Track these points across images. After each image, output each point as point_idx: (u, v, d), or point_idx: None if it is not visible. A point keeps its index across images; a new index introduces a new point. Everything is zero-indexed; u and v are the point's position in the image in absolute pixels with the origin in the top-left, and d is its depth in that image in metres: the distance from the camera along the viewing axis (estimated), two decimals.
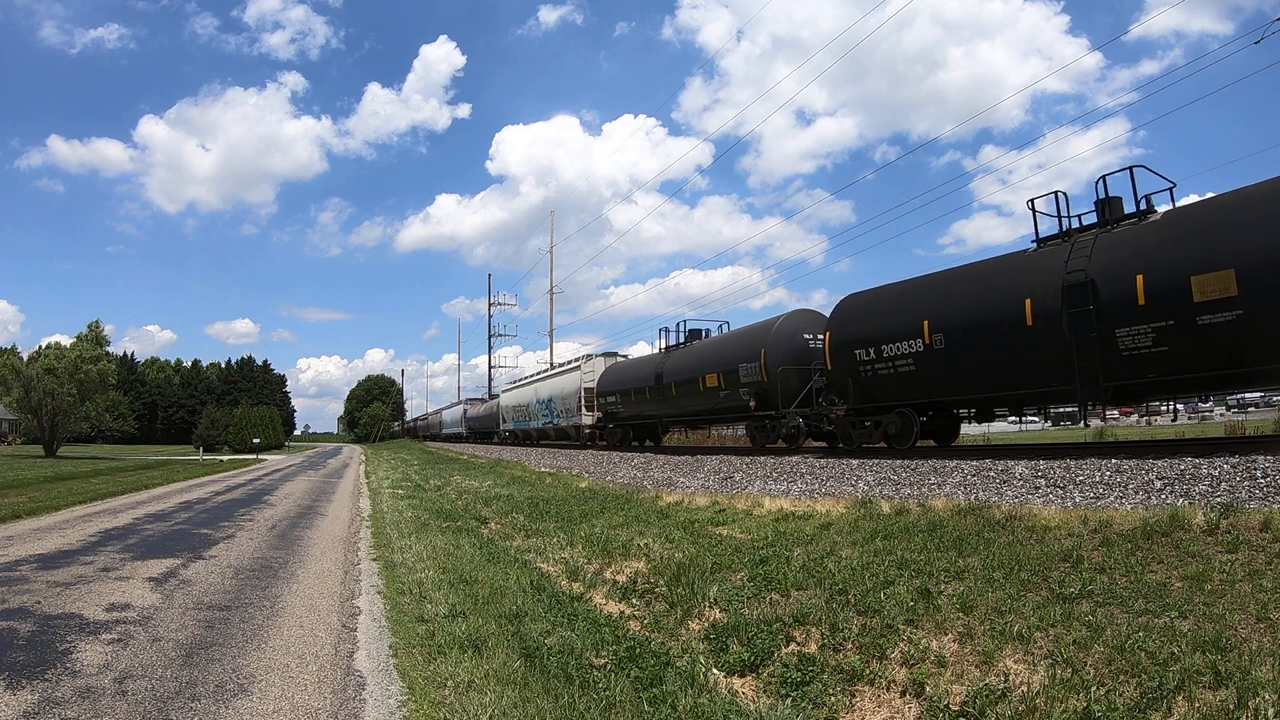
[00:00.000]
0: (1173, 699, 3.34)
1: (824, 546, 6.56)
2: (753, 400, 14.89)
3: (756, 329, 15.90)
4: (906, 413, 11.24)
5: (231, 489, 19.39)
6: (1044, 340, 9.02)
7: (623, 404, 21.74)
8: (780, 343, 14.68)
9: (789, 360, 14.38)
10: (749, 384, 15.06)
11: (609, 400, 22.66)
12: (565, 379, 28.10)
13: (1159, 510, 5.57)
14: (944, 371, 10.46)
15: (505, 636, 5.27)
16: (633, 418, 21.59)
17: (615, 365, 24.39)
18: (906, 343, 10.88)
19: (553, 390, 29.52)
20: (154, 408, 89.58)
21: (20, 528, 10.75)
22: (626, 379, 21.76)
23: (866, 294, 12.63)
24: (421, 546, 9.01)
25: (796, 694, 4.35)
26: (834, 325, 12.66)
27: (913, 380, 10.96)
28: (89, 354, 41.52)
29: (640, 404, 20.55)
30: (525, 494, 14.81)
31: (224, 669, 4.54)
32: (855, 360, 11.77)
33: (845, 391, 12.26)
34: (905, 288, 11.79)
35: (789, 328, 14.90)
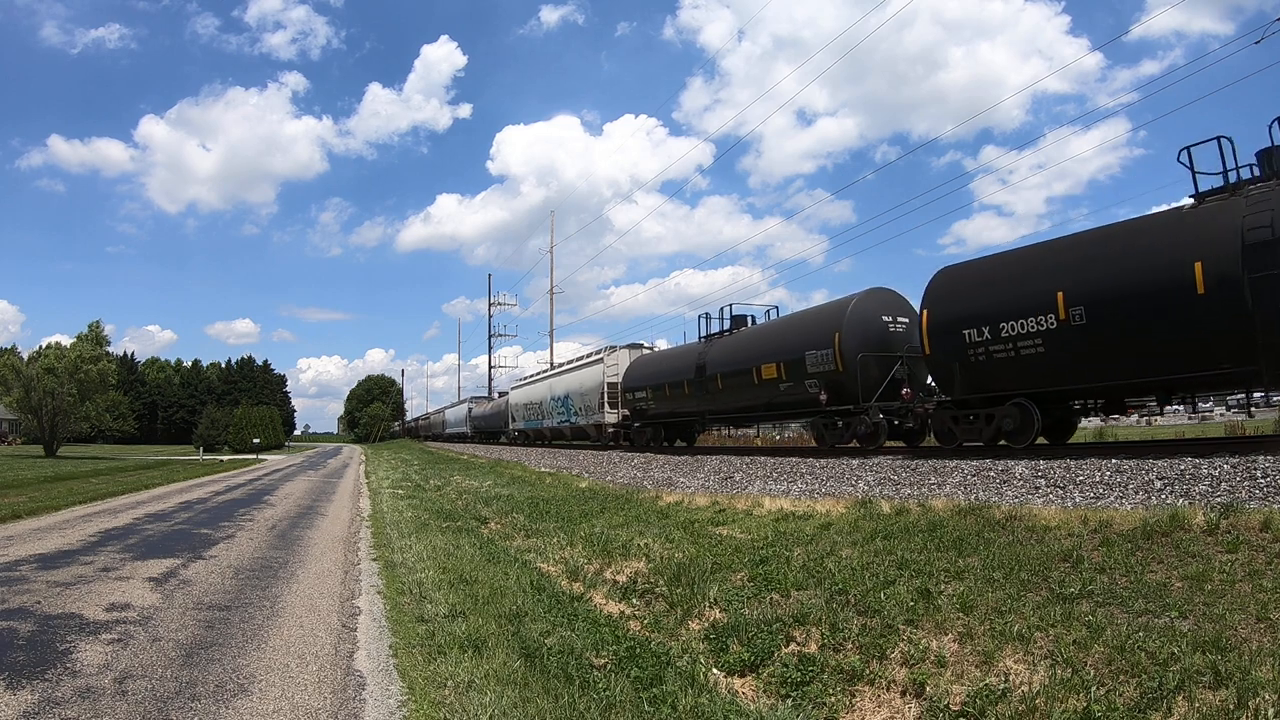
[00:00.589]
0: (1173, 699, 3.34)
1: (824, 546, 6.56)
2: (823, 393, 13.01)
3: (827, 310, 13.81)
4: (1025, 404, 9.70)
5: (231, 489, 19.39)
6: (1218, 312, 7.69)
7: (654, 400, 19.68)
8: (857, 326, 12.73)
9: (867, 345, 12.53)
10: (818, 374, 13.17)
11: (637, 396, 20.60)
12: (585, 373, 25.81)
13: (1159, 510, 5.57)
14: (1081, 352, 8.86)
15: (505, 636, 5.27)
16: (665, 415, 19.55)
17: (644, 357, 22.18)
18: (1033, 319, 9.24)
19: (570, 386, 27.26)
20: (154, 408, 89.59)
21: (20, 528, 10.75)
22: (658, 372, 19.66)
23: (973, 265, 10.94)
24: (421, 546, 9.01)
25: (796, 694, 4.35)
26: (933, 302, 10.84)
27: (1040, 364, 9.32)
28: (89, 354, 41.53)
29: (676, 400, 18.49)
30: (525, 494, 14.81)
31: (224, 669, 4.54)
32: (963, 343, 10.10)
33: (948, 380, 10.59)
34: (1027, 255, 10.12)
35: (866, 309, 12.94)
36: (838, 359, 12.76)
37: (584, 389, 25.71)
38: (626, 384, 21.63)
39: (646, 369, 20.85)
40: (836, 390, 12.93)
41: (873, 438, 12.48)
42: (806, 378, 13.54)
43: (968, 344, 10.11)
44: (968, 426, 10.59)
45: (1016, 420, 9.81)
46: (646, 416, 20.47)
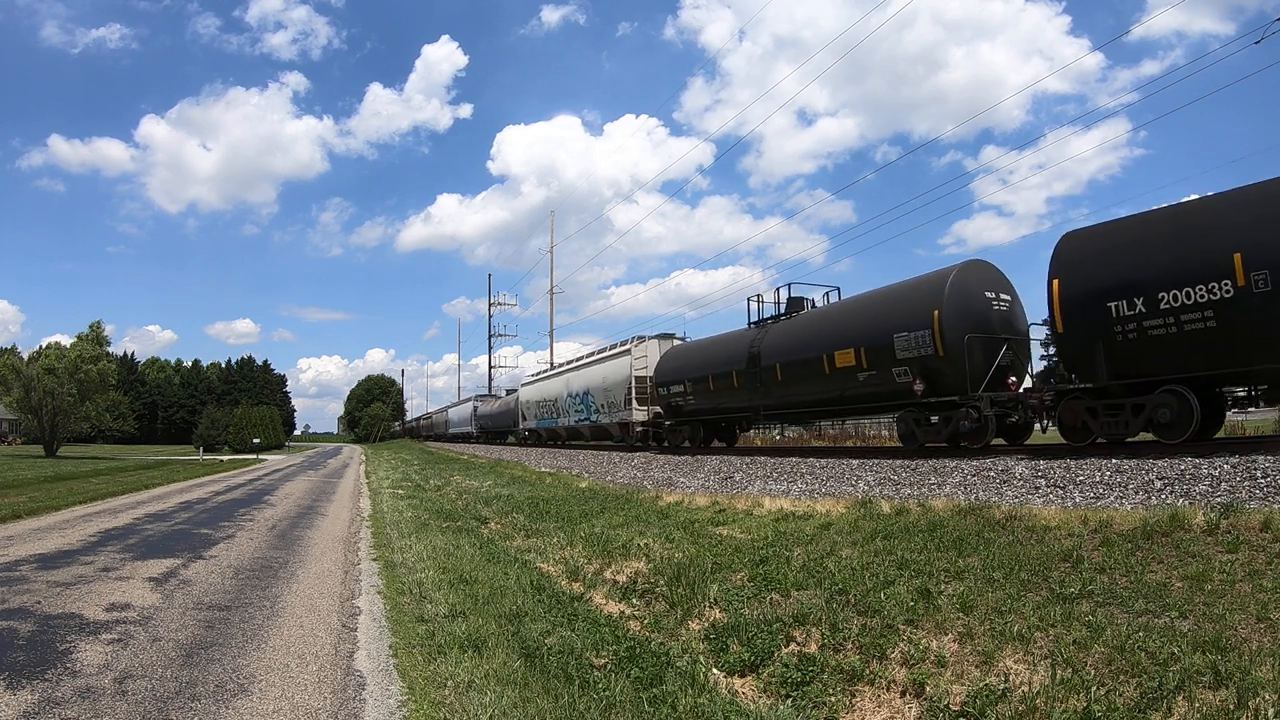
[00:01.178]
0: (1173, 699, 3.34)
1: (824, 546, 6.56)
2: (917, 381, 11.14)
3: (919, 286, 11.78)
4: (1181, 392, 8.28)
5: (231, 489, 19.39)
6: None
7: (694, 394, 17.43)
8: (959, 302, 10.84)
9: (972, 326, 10.75)
10: (910, 360, 11.29)
11: (673, 391, 18.25)
12: (609, 367, 23.10)
13: (1159, 510, 5.57)
14: (1265, 325, 7.51)
15: (505, 636, 5.27)
16: (707, 411, 17.40)
17: (680, 348, 19.94)
18: (1201, 287, 7.87)
19: (591, 381, 24.54)
20: (154, 408, 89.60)
21: (20, 528, 10.75)
22: (699, 363, 17.49)
23: (1116, 226, 9.15)
24: (421, 546, 9.01)
25: (797, 694, 4.35)
26: (1066, 270, 9.25)
27: (1209, 342, 7.91)
28: (89, 354, 41.54)
29: (721, 394, 16.38)
30: (525, 494, 14.82)
31: (224, 669, 4.54)
32: (1108, 318, 8.60)
33: (1087, 363, 8.98)
34: (1190, 210, 8.69)
35: (966, 283, 11.07)
36: (937, 342, 10.85)
37: (608, 384, 23.07)
38: (660, 377, 19.14)
39: (684, 360, 18.49)
40: (933, 379, 11.05)
41: (978, 435, 10.65)
42: (894, 365, 11.57)
43: (1114, 319, 8.58)
44: (1109, 420, 8.96)
45: (1173, 411, 8.32)
46: (683, 414, 18.30)
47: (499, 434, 43.63)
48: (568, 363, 29.32)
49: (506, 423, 39.53)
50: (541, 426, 30.98)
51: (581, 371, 26.11)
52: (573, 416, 26.70)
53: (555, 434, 30.06)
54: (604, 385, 23.42)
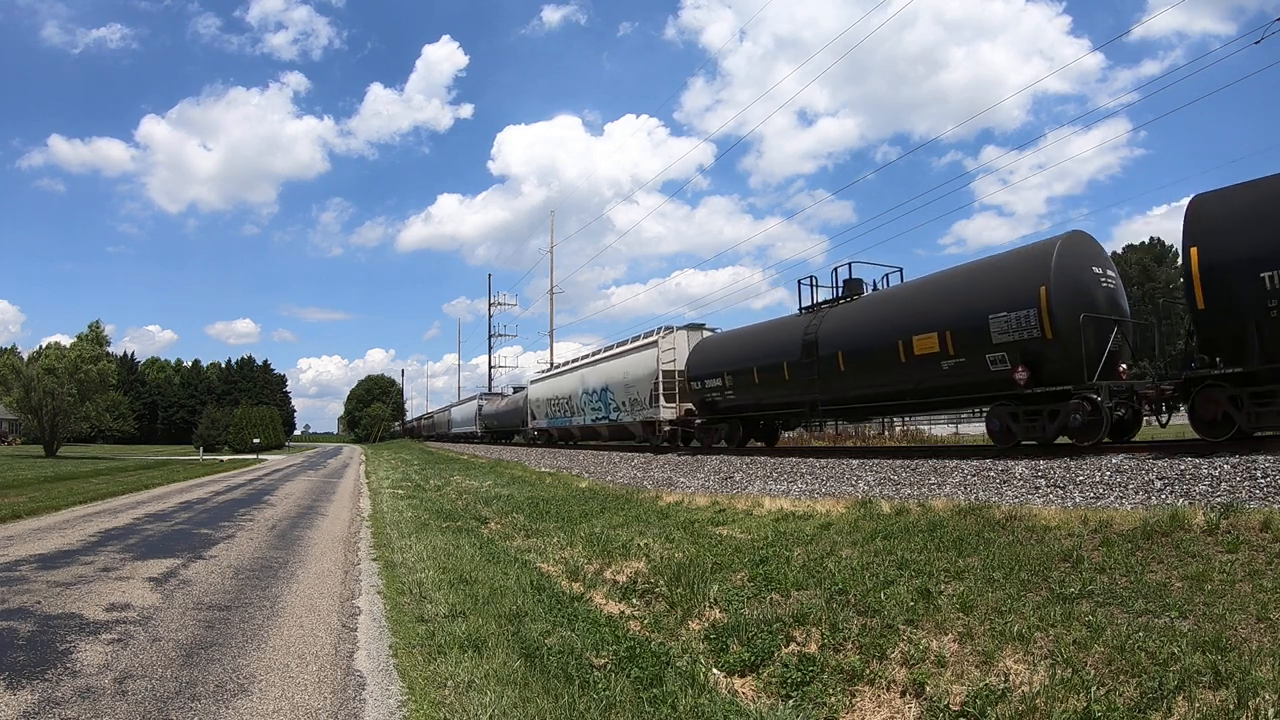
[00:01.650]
0: (1173, 699, 3.34)
1: (824, 546, 6.56)
2: (1020, 370, 9.70)
3: (1017, 261, 10.35)
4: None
5: (231, 489, 19.39)
6: None
7: (735, 389, 15.59)
8: (1068, 279, 9.50)
9: (1083, 305, 9.42)
10: (1009, 345, 9.81)
11: (708, 386, 16.42)
12: (631, 361, 21.11)
13: (1159, 510, 5.57)
14: None
15: (505, 636, 5.27)
16: (749, 408, 15.69)
17: (714, 339, 18.06)
18: None
19: (610, 377, 22.46)
20: (154, 408, 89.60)
21: (20, 528, 10.75)
22: (741, 354, 15.58)
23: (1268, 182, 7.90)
24: (421, 546, 9.01)
25: (797, 694, 4.35)
26: (1207, 236, 8.02)
27: None
28: (89, 354, 41.55)
29: (769, 387, 14.52)
30: (525, 494, 14.82)
31: (224, 669, 4.54)
32: (1262, 290, 7.50)
33: (1236, 344, 7.85)
34: None
35: (1072, 257, 9.69)
36: (1044, 322, 9.39)
37: (630, 379, 20.93)
38: (693, 371, 17.19)
39: (721, 352, 16.55)
40: (1038, 366, 9.64)
41: (1090, 431, 9.17)
42: (989, 350, 10.05)
43: (1269, 292, 7.45)
44: (1258, 410, 7.72)
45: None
46: (718, 410, 16.45)
47: (505, 434, 42.05)
48: (583, 357, 26.75)
49: (514, 422, 37.89)
50: (553, 426, 29.00)
51: (599, 366, 23.69)
52: (589, 415, 24.64)
53: (568, 434, 27.78)
54: (626, 381, 21.18)
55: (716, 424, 16.96)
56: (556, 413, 28.36)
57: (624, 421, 21.66)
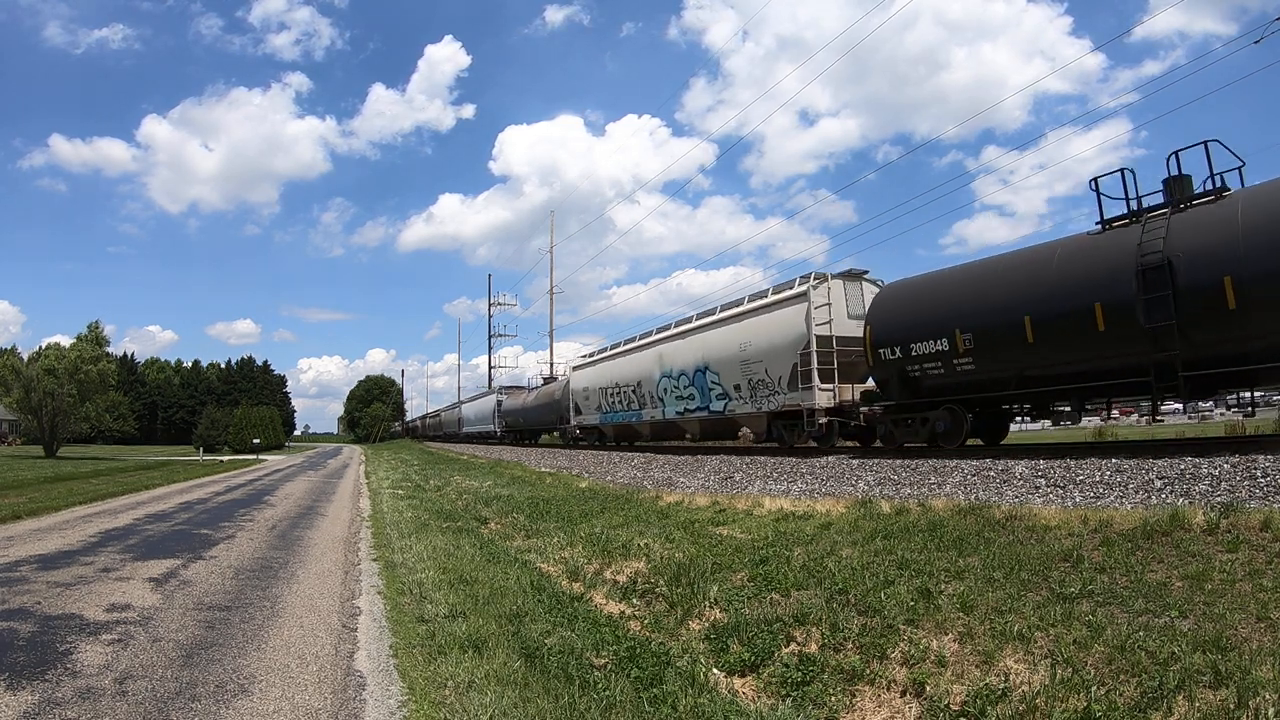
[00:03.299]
0: (1173, 699, 3.34)
1: (824, 546, 6.56)
2: None
3: None
4: None
5: (232, 489, 19.39)
6: None
7: (977, 354, 10.11)
8: None
9: None
10: None
11: (918, 354, 10.85)
12: (757, 325, 14.88)
13: (1159, 510, 5.57)
14: None
15: (505, 637, 5.27)
16: (1005, 381, 10.01)
17: (920, 283, 11.71)
18: None
19: (714, 351, 16.37)
20: (154, 408, 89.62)
21: (20, 528, 10.75)
22: (991, 299, 10.03)
23: None
24: (422, 547, 9.01)
25: (797, 694, 4.35)
26: None
27: None
28: (89, 354, 41.57)
29: (1061, 345, 9.21)
30: (525, 494, 14.81)
31: (224, 669, 4.54)
32: None
33: None
34: None
35: None
36: None
37: (753, 352, 14.85)
38: (884, 333, 11.45)
39: (944, 299, 10.81)
40: None
41: None
42: None
43: None
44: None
45: None
46: (932, 389, 10.97)
47: (532, 434, 35.99)
48: (658, 331, 20.19)
49: (546, 418, 31.24)
50: (608, 422, 22.77)
51: (694, 339, 17.36)
52: (670, 406, 18.40)
53: (630, 432, 21.71)
54: (744, 355, 15.12)
55: (923, 410, 11.22)
56: (615, 405, 22.01)
57: (737, 413, 15.67)
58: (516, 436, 37.98)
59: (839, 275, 13.81)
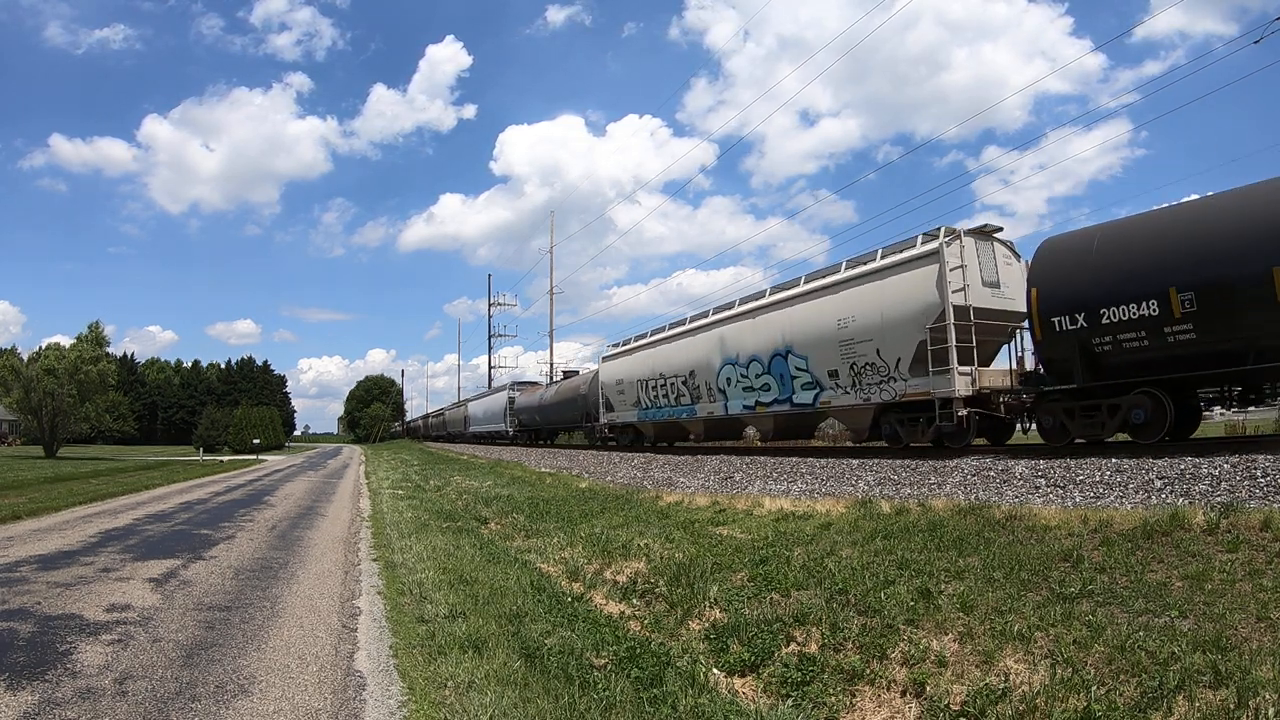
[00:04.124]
0: (1173, 698, 3.34)
1: (824, 546, 6.56)
2: None
3: None
4: None
5: (232, 489, 19.39)
6: None
7: (1200, 326, 7.85)
8: None
9: None
10: None
11: (1099, 323, 8.62)
12: (865, 294, 11.93)
13: (1159, 510, 5.57)
14: None
15: (505, 637, 5.27)
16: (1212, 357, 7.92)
17: (1082, 237, 9.30)
18: None
19: (800, 328, 13.24)
20: (154, 408, 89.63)
21: (20, 528, 10.74)
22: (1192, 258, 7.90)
23: None
24: (421, 547, 9.01)
25: (797, 694, 4.35)
26: None
27: None
28: (89, 355, 41.56)
29: None
30: (525, 494, 14.81)
31: (224, 669, 4.54)
32: None
33: None
34: None
35: None
36: None
37: (859, 329, 11.89)
38: (1056, 298, 9.07)
39: (1139, 250, 8.51)
40: None
41: None
42: None
43: None
44: None
45: None
46: (1108, 368, 8.76)
47: (548, 433, 32.86)
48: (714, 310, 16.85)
49: (567, 416, 27.89)
50: (649, 419, 19.47)
51: (769, 317, 14.17)
52: (736, 399, 15.27)
53: (678, 431, 19.01)
54: (844, 333, 12.13)
55: (1110, 396, 8.82)
56: (658, 399, 18.78)
57: (833, 405, 12.64)
58: (531, 437, 34.66)
59: (970, 232, 11.10)
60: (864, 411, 12.20)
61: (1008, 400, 10.77)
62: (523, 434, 35.35)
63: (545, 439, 33.42)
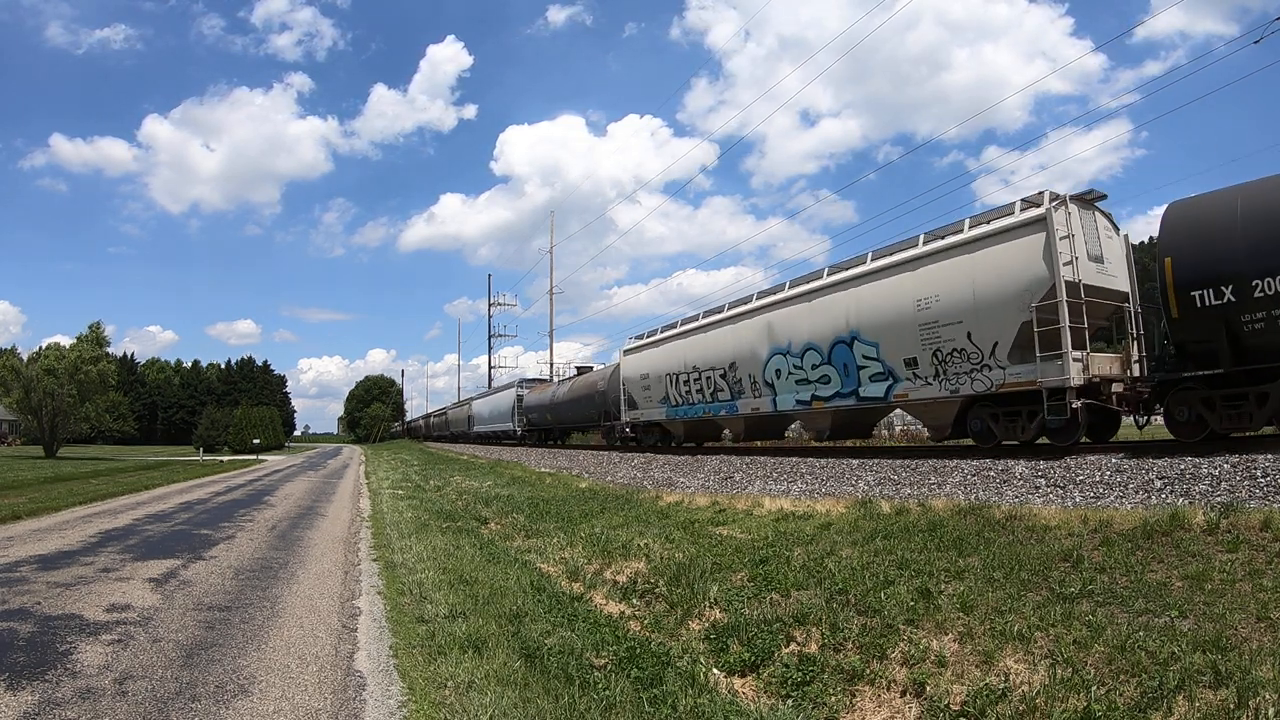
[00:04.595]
0: (1173, 698, 3.34)
1: (824, 546, 6.56)
2: None
3: None
4: None
5: (232, 489, 19.39)
6: None
7: None
8: None
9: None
10: None
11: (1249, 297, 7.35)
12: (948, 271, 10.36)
13: (1159, 510, 5.57)
14: None
15: (505, 637, 5.27)
16: None
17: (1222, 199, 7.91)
18: None
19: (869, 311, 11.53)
20: (154, 408, 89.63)
21: (20, 528, 10.74)
22: None
23: None
24: (421, 547, 9.01)
25: (797, 694, 4.35)
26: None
27: None
28: (89, 355, 41.55)
29: None
30: (525, 494, 14.81)
31: (224, 669, 4.54)
32: None
33: None
34: None
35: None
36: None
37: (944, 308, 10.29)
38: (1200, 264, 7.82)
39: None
40: None
41: None
42: None
43: None
44: None
45: None
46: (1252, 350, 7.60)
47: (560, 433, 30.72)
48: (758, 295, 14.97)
49: (585, 414, 25.49)
50: (678, 417, 17.65)
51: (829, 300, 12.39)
52: (787, 393, 13.50)
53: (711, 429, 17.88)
54: (925, 315, 10.47)
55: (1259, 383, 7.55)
56: (690, 395, 16.93)
57: (911, 398, 10.84)
58: (541, 436, 32.21)
59: (1074, 199, 9.66)
60: (948, 405, 10.48)
61: (1119, 391, 9.25)
62: (532, 434, 33.09)
63: (556, 439, 31.11)
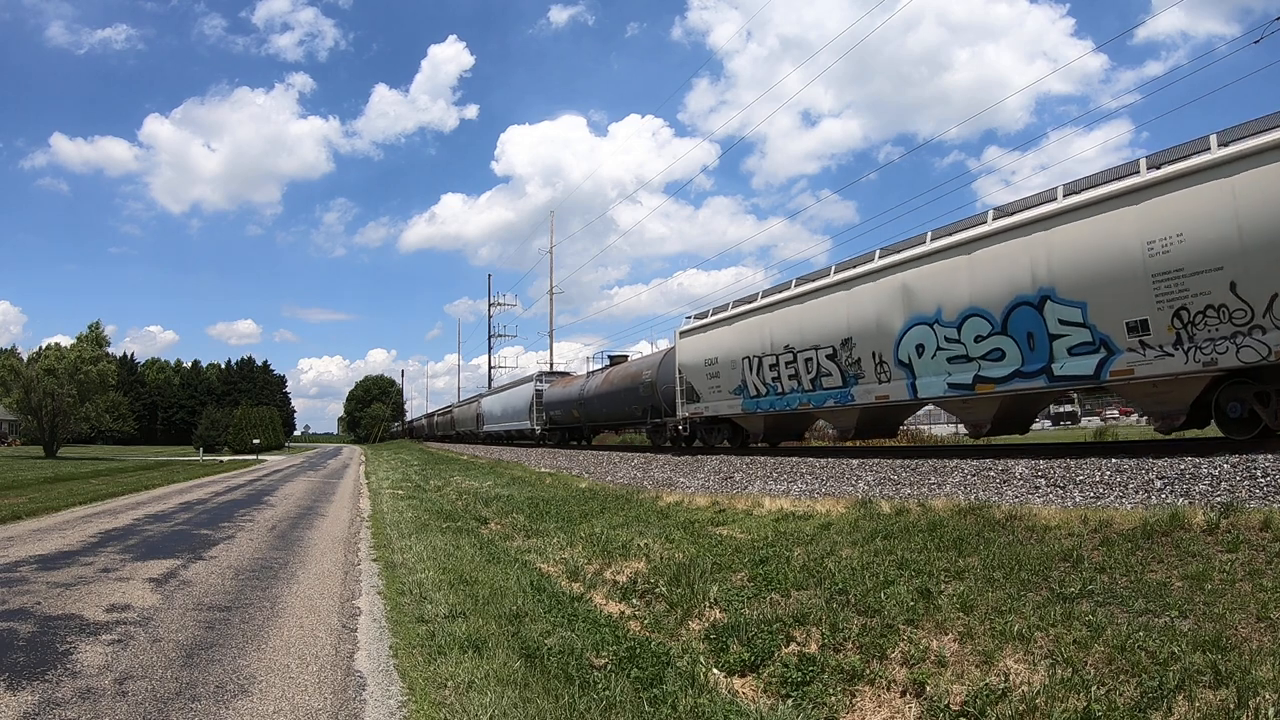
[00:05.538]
0: (1173, 698, 3.34)
1: (824, 546, 6.56)
2: None
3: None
4: None
5: (231, 489, 19.39)
6: None
7: None
8: None
9: None
10: None
11: None
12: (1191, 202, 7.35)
13: (1159, 510, 5.57)
14: None
15: (505, 637, 5.27)
16: None
17: None
18: None
19: (1067, 260, 8.49)
20: (154, 408, 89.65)
21: (20, 528, 10.74)
22: None
23: None
24: (422, 547, 9.01)
25: (797, 694, 4.35)
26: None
27: None
28: (89, 355, 41.61)
29: None
30: (525, 494, 14.81)
31: (224, 669, 4.54)
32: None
33: None
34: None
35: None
36: None
37: (1188, 250, 7.38)
38: None
39: None
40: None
41: None
42: None
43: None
44: None
45: None
46: None
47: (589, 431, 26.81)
48: (880, 253, 11.58)
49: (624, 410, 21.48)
50: (760, 410, 14.29)
51: (995, 250, 9.48)
52: (932, 375, 10.33)
53: (801, 425, 15.33)
54: (1158, 263, 7.66)
55: None
56: (778, 382, 13.59)
57: (1140, 374, 7.96)
58: (563, 436, 28.02)
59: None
60: (1190, 383, 7.83)
61: None
62: (553, 433, 28.59)
63: (579, 439, 27.17)
